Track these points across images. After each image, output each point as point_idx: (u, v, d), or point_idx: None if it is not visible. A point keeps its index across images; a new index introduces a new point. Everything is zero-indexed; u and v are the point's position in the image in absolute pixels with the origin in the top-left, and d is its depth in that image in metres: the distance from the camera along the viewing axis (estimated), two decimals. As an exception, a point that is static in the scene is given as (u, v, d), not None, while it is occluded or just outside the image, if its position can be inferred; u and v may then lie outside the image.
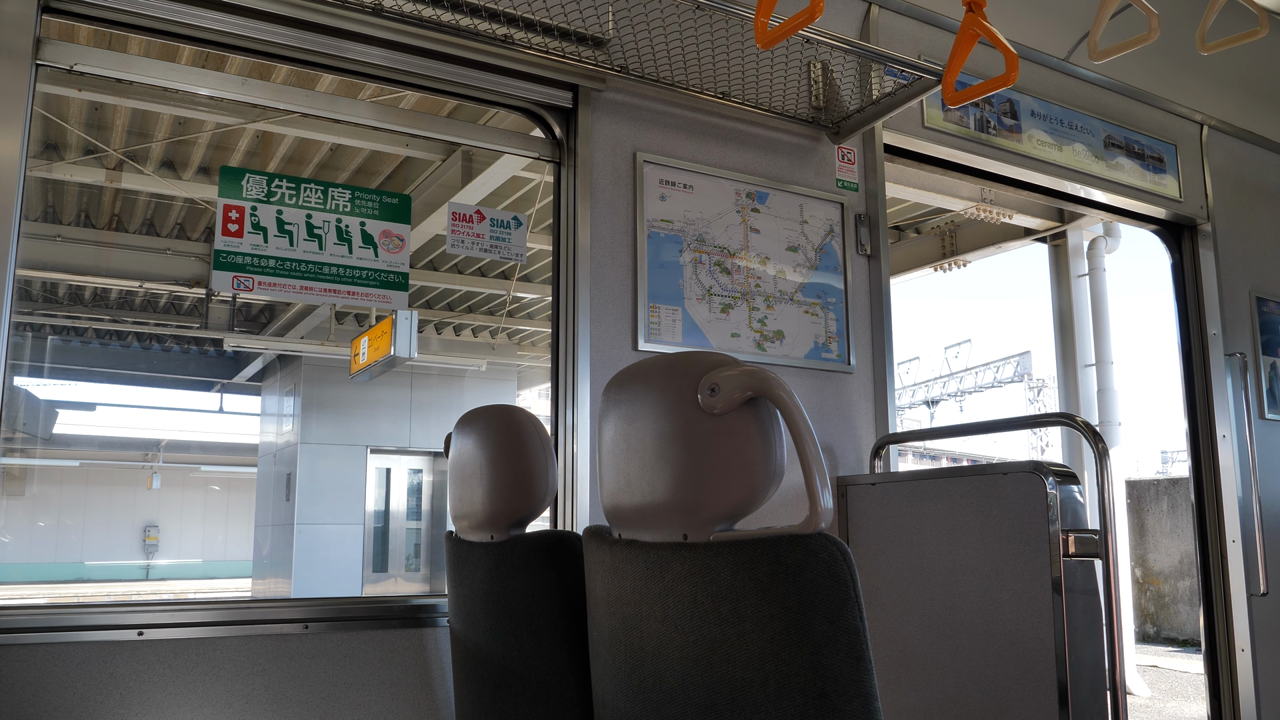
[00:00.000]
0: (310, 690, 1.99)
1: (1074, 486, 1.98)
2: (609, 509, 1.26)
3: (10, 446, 14.18)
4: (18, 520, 18.20)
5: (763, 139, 2.76)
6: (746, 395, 1.08)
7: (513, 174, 6.72)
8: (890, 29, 2.97)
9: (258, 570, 13.09)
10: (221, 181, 2.16)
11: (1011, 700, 2.02)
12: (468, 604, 1.70)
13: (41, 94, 5.96)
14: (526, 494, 1.61)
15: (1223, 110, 3.88)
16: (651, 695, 1.16)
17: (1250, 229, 3.85)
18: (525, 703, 1.52)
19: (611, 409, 1.25)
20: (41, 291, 10.56)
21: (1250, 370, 3.67)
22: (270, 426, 13.27)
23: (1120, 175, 3.48)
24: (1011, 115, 3.22)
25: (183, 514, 21.89)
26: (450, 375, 12.59)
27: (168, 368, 14.54)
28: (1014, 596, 2.02)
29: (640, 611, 1.18)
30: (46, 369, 13.36)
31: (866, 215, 2.88)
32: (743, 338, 2.60)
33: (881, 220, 2.88)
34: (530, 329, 12.31)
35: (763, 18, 2.02)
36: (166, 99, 5.88)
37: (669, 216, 2.55)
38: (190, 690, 1.89)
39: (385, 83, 2.32)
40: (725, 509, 1.10)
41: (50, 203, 8.25)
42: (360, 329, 10.66)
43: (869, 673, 1.00)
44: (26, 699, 1.76)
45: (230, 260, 2.12)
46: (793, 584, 1.01)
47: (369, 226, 2.28)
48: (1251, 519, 3.47)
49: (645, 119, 2.57)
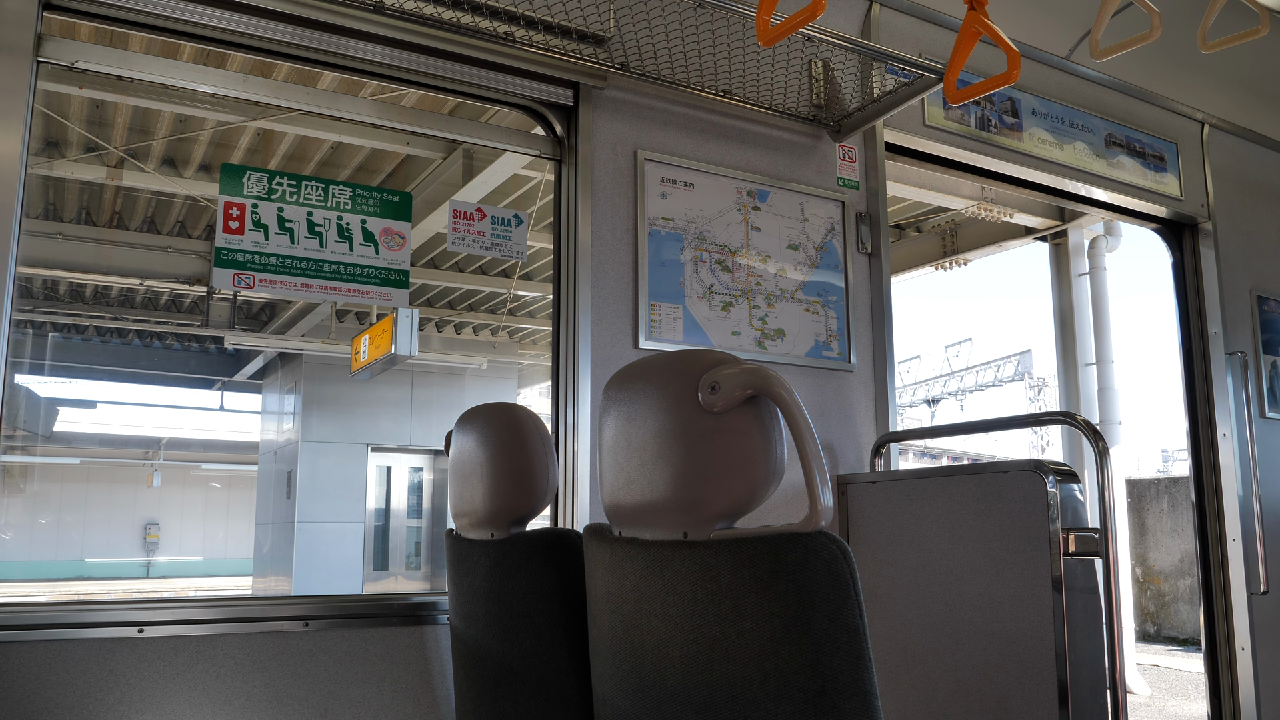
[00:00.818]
0: (310, 688, 1.99)
1: (1074, 485, 1.98)
2: (609, 507, 1.26)
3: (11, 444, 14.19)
4: (18, 518, 18.21)
5: (764, 137, 2.75)
6: (747, 393, 1.08)
7: (514, 172, 6.71)
8: (891, 27, 2.97)
9: (258, 568, 13.09)
10: (222, 179, 2.16)
11: (1011, 699, 2.02)
12: (468, 602, 1.70)
13: (42, 91, 5.96)
14: (527, 492, 1.61)
15: (1224, 109, 3.88)
16: (651, 693, 1.16)
17: (1251, 228, 3.85)
18: (525, 700, 1.52)
19: (612, 407, 1.25)
20: (42, 289, 10.56)
21: (1251, 369, 3.67)
22: (271, 424, 13.27)
23: (1121, 174, 3.48)
24: (1013, 113, 3.22)
25: (183, 512, 21.90)
26: (451, 373, 12.59)
27: (168, 365, 14.54)
28: (1014, 595, 2.02)
29: (640, 609, 1.18)
30: (47, 366, 13.36)
31: (867, 214, 2.88)
32: (743, 336, 2.60)
33: (882, 219, 2.88)
34: (531, 327, 12.31)
35: (764, 15, 2.02)
36: (167, 96, 5.88)
37: (670, 214, 2.55)
38: (190, 687, 1.89)
39: (386, 80, 2.32)
40: (725, 507, 1.10)
41: (51, 200, 8.26)
42: (361, 327, 10.66)
43: (869, 671, 1.00)
44: (27, 696, 1.76)
45: (231, 258, 2.12)
46: (793, 582, 1.01)
47: (370, 224, 2.28)
48: (1252, 518, 3.47)
49: (646, 117, 2.57)
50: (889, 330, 2.82)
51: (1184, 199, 3.65)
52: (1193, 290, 3.72)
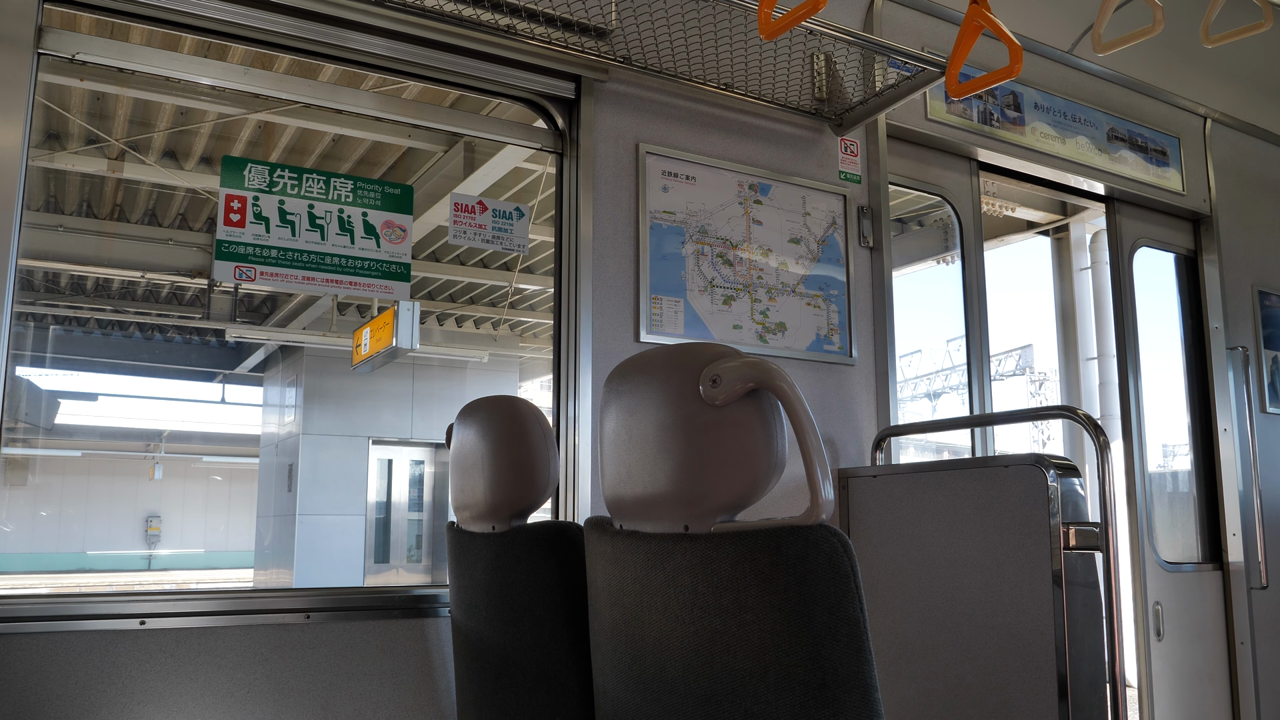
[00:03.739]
0: (312, 680, 2.00)
1: (1075, 479, 1.98)
2: (610, 500, 1.26)
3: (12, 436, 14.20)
4: (20, 510, 18.24)
5: (765, 130, 2.75)
6: (748, 387, 1.08)
7: (515, 165, 6.71)
8: (894, 20, 2.97)
9: (259, 561, 13.10)
10: (224, 171, 2.16)
11: (1011, 692, 2.02)
12: (469, 594, 1.70)
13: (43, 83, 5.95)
14: (528, 485, 1.61)
15: (1226, 103, 3.87)
16: (652, 686, 1.16)
17: (1253, 223, 3.85)
18: (526, 693, 1.52)
19: (613, 400, 1.25)
20: (43, 281, 10.56)
21: (1252, 364, 3.67)
22: (272, 417, 13.27)
23: (1123, 168, 3.47)
24: (1015, 108, 3.22)
25: (185, 504, 21.92)
26: (452, 366, 12.59)
27: (170, 358, 14.54)
28: (1014, 589, 2.03)
29: (641, 602, 1.18)
30: (49, 359, 13.36)
31: (869, 207, 2.88)
32: (745, 329, 2.60)
33: (884, 212, 2.88)
34: (532, 320, 12.30)
35: (766, 9, 2.01)
36: (168, 89, 5.87)
37: (671, 208, 2.55)
38: (192, 679, 1.90)
39: (387, 73, 2.31)
40: (726, 500, 1.10)
41: (52, 193, 8.25)
42: (362, 320, 10.66)
43: (869, 664, 1.00)
44: (29, 688, 1.77)
45: (232, 250, 2.12)
46: (793, 575, 1.01)
47: (371, 217, 2.28)
48: (1252, 512, 3.47)
49: (648, 110, 2.57)
50: (890, 324, 2.82)
51: (1186, 194, 3.65)
52: (1194, 285, 3.72)
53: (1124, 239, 3.44)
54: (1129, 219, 3.41)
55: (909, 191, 3.10)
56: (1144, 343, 3.52)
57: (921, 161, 3.11)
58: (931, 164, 3.18)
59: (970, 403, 3.09)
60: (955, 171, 3.23)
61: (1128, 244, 3.39)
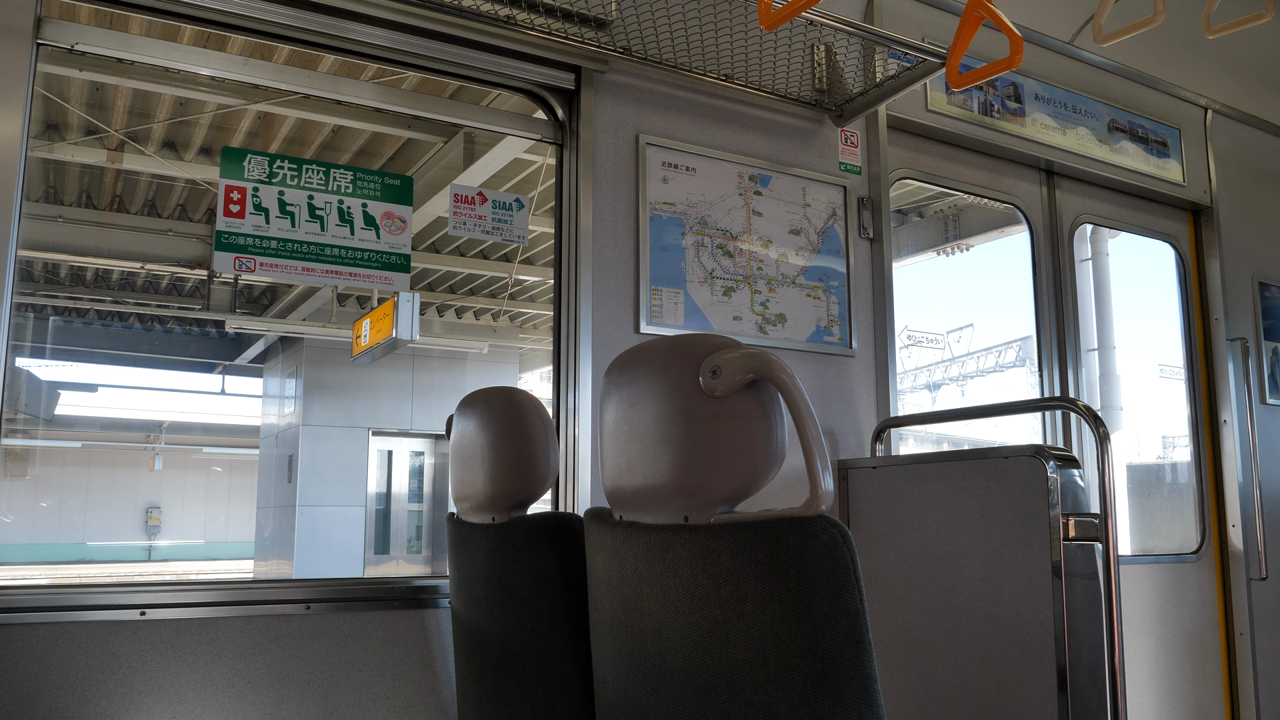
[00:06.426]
0: (312, 670, 2.00)
1: (1074, 470, 1.98)
2: (610, 491, 1.26)
3: (12, 428, 14.21)
4: (20, 501, 18.25)
5: (765, 121, 2.75)
6: (748, 378, 1.08)
7: (515, 156, 6.69)
8: (894, 11, 2.96)
9: (260, 551, 13.12)
10: (223, 162, 2.16)
11: (1011, 683, 2.03)
12: (469, 585, 1.70)
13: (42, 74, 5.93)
14: (528, 476, 1.61)
15: (1227, 94, 3.87)
16: (652, 676, 1.16)
17: (1254, 214, 3.84)
18: (526, 683, 1.53)
19: (613, 391, 1.25)
20: (43, 272, 10.55)
21: (1252, 355, 3.67)
22: (272, 408, 13.28)
23: (1124, 159, 3.47)
24: (1015, 98, 3.21)
25: (185, 495, 21.94)
26: (452, 358, 12.59)
27: (169, 349, 14.54)
28: (1014, 580, 2.03)
29: (641, 593, 1.18)
30: (48, 350, 13.36)
31: (869, 198, 2.88)
32: (745, 321, 2.60)
33: (884, 204, 2.88)
34: (532, 312, 12.29)
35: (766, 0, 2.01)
36: (168, 79, 5.86)
37: (671, 199, 2.55)
38: (192, 670, 1.90)
39: (387, 64, 2.31)
40: (726, 491, 1.10)
41: (51, 183, 8.24)
42: (362, 311, 10.65)
43: (869, 655, 1.01)
44: (29, 678, 1.77)
45: (232, 241, 2.12)
46: (793, 566, 1.01)
47: (371, 208, 2.28)
48: (1252, 504, 3.47)
49: (648, 101, 2.56)
50: (890, 315, 2.82)
51: (1186, 185, 3.64)
52: (1195, 276, 3.72)
53: (1063, 215, 3.44)
54: (1067, 193, 3.42)
55: (972, 197, 3.16)
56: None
57: (995, 172, 3.18)
58: (1005, 174, 3.22)
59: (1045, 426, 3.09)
60: (1028, 182, 3.33)
61: (1067, 221, 3.41)
